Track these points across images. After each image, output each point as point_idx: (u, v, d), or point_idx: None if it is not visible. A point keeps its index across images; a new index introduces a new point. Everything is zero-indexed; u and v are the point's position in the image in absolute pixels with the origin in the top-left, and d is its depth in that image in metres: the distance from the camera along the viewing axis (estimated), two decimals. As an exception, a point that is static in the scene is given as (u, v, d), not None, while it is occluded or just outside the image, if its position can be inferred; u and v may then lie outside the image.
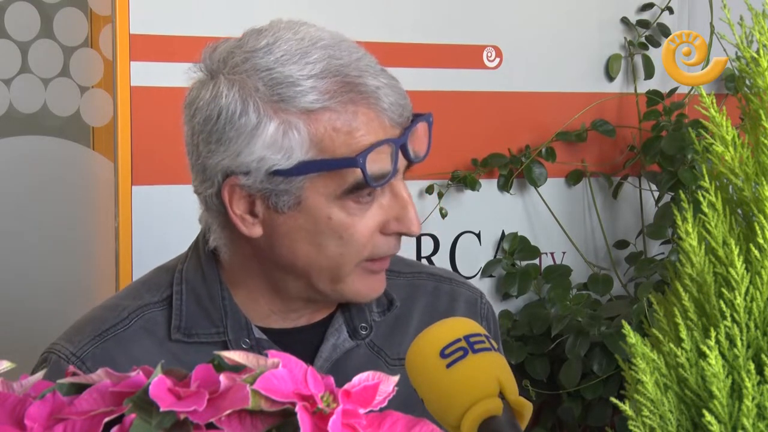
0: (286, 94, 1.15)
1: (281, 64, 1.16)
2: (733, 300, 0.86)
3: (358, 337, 1.27)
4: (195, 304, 1.24)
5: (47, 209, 2.07)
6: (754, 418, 0.84)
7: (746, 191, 0.92)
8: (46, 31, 2.06)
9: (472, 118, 2.19)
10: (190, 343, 1.22)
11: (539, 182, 2.22)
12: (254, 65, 1.17)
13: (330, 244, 1.18)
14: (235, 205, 1.18)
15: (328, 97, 1.15)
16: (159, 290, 1.26)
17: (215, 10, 1.92)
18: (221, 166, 1.17)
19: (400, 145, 1.17)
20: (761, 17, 0.92)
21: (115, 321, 1.23)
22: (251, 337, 1.23)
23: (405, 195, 1.20)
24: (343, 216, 1.17)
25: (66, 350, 1.22)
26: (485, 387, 0.86)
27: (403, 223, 1.20)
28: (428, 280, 1.36)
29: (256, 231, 1.19)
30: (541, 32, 2.26)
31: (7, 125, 2.05)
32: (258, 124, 1.15)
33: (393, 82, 1.19)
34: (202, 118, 1.18)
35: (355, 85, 1.16)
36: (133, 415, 0.62)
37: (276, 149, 1.15)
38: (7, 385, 0.68)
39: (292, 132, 1.15)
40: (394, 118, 1.17)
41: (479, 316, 1.37)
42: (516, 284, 2.22)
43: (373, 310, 1.29)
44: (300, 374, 0.67)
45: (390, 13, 2.09)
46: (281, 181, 1.16)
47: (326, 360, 1.25)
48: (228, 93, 1.16)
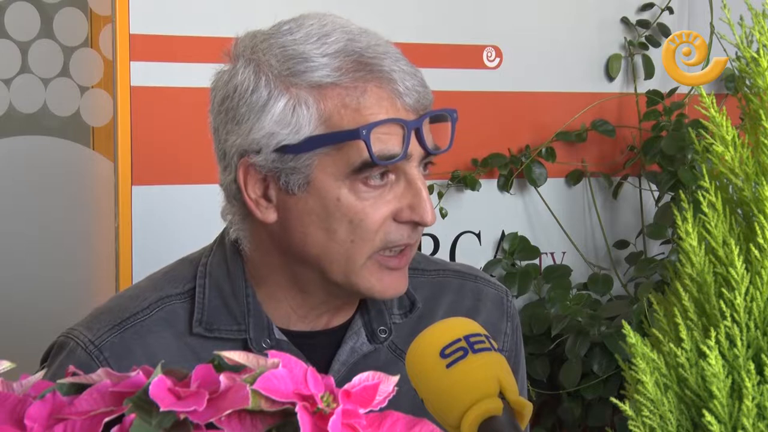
0: (297, 69, 1.16)
1: (299, 43, 1.17)
2: (733, 300, 0.86)
3: (377, 341, 1.25)
4: (218, 299, 1.23)
5: (47, 209, 2.07)
6: (754, 418, 0.84)
7: (746, 191, 0.92)
8: (46, 31, 2.06)
9: (472, 118, 2.19)
10: (210, 338, 1.21)
11: (539, 182, 2.22)
12: (271, 44, 1.18)
13: (340, 228, 1.17)
14: (250, 188, 1.19)
15: (339, 74, 1.15)
16: (181, 282, 1.25)
17: (215, 10, 1.92)
18: (236, 146, 1.18)
19: (413, 128, 1.16)
20: (761, 17, 0.92)
21: (136, 311, 1.22)
22: (272, 337, 1.22)
23: (419, 183, 1.18)
24: (352, 199, 1.16)
25: (84, 337, 1.21)
26: (485, 387, 0.86)
27: (416, 211, 1.18)
28: (453, 277, 1.35)
29: (270, 216, 1.19)
30: (541, 32, 2.26)
31: (7, 125, 2.06)
32: (269, 99, 1.16)
33: (412, 70, 1.18)
34: (220, 98, 1.20)
35: (369, 64, 1.16)
36: (133, 415, 0.62)
37: (284, 124, 1.15)
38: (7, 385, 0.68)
39: (301, 107, 1.15)
40: (409, 103, 1.17)
41: (506, 314, 1.35)
42: (516, 284, 2.22)
43: (393, 312, 1.27)
44: (300, 374, 0.67)
45: (390, 13, 2.09)
46: (290, 159, 1.16)
47: (343, 364, 1.24)
48: (243, 71, 1.18)
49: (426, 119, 1.18)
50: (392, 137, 1.15)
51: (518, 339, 1.37)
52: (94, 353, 1.19)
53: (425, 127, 1.18)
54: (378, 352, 1.26)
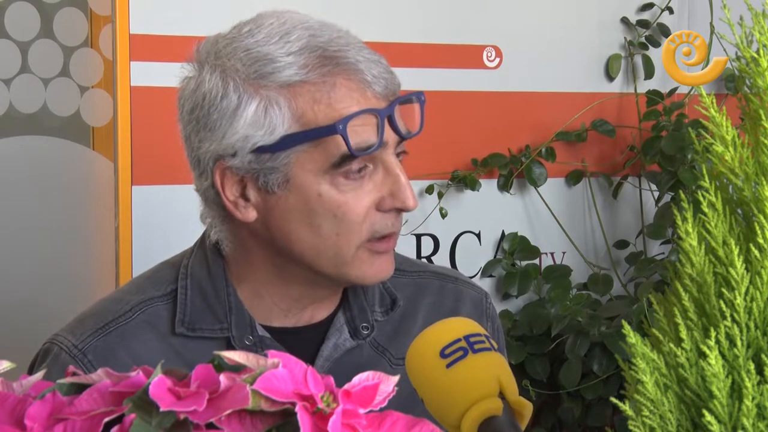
0: (264, 71, 1.16)
1: (261, 45, 1.18)
2: (733, 300, 0.86)
3: (360, 337, 1.26)
4: (200, 299, 1.24)
5: (47, 209, 2.07)
6: (754, 418, 0.84)
7: (746, 191, 0.92)
8: (46, 31, 2.06)
9: (472, 118, 2.19)
10: (192, 338, 1.22)
11: (539, 182, 2.22)
12: (235, 48, 1.18)
13: (324, 224, 1.18)
14: (227, 190, 1.19)
15: (306, 71, 1.16)
16: (163, 285, 1.26)
17: (215, 10, 1.92)
18: (210, 152, 1.18)
19: (386, 116, 1.17)
20: (761, 17, 0.92)
21: (118, 314, 1.23)
22: (254, 334, 1.23)
23: (397, 170, 1.18)
24: (334, 193, 1.17)
25: (68, 342, 1.22)
26: (485, 387, 0.86)
27: (397, 197, 1.18)
28: (433, 278, 1.36)
29: (250, 215, 1.20)
30: (541, 32, 2.26)
31: (7, 125, 2.06)
32: (239, 103, 1.16)
33: (376, 57, 1.19)
34: (189, 108, 1.20)
35: (334, 58, 1.17)
36: (133, 415, 0.62)
37: (258, 126, 1.16)
38: (7, 385, 0.68)
39: (273, 108, 1.16)
40: (379, 91, 1.17)
41: (485, 315, 1.36)
42: (516, 284, 2.22)
43: (375, 309, 1.29)
44: (300, 374, 0.67)
45: (390, 13, 2.09)
46: (267, 159, 1.16)
47: (326, 359, 1.25)
48: (210, 78, 1.18)
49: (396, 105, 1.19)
50: (367, 127, 1.16)
51: (500, 340, 1.38)
52: (78, 357, 1.20)
53: (396, 113, 1.19)
54: (361, 349, 1.27)
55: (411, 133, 1.20)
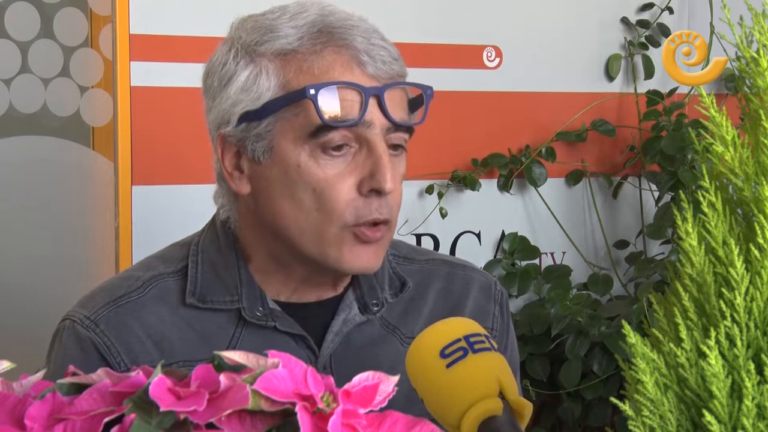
0: (263, 39, 1.19)
1: (271, 20, 1.21)
2: (733, 300, 0.86)
3: (369, 312, 1.26)
4: (211, 272, 1.25)
5: (47, 209, 2.07)
6: (754, 418, 0.84)
7: (746, 191, 0.92)
8: (46, 31, 2.06)
9: (472, 118, 2.19)
10: (203, 309, 1.23)
11: (539, 182, 2.22)
12: (248, 21, 1.22)
13: (305, 197, 1.18)
14: (226, 160, 1.22)
15: (300, 41, 1.18)
16: (174, 263, 1.27)
17: (215, 10, 1.92)
18: (212, 121, 1.22)
19: (372, 95, 1.16)
20: (761, 17, 0.92)
21: (130, 289, 1.25)
22: (265, 306, 1.23)
23: (380, 150, 1.17)
24: (313, 166, 1.17)
25: (80, 314, 1.23)
26: (485, 387, 0.86)
27: (374, 178, 1.17)
28: (442, 265, 1.36)
29: (244, 187, 1.22)
30: (541, 32, 2.26)
31: (7, 125, 2.05)
32: (236, 70, 1.20)
33: (384, 44, 1.20)
34: (203, 77, 1.24)
35: (330, 32, 1.18)
36: (133, 415, 0.62)
37: (246, 92, 1.18)
38: (7, 385, 0.68)
39: (262, 75, 1.18)
40: (371, 72, 1.18)
41: (493, 300, 1.36)
42: (516, 284, 2.22)
43: (385, 289, 1.29)
44: (300, 374, 0.67)
45: (390, 13, 2.09)
46: (255, 126, 1.18)
47: (337, 334, 1.24)
48: (221, 48, 1.23)
49: (405, 94, 1.20)
50: (350, 102, 1.16)
51: (508, 322, 1.38)
52: (90, 327, 1.21)
53: (393, 98, 1.18)
54: (371, 324, 1.27)
55: (406, 122, 1.20)
